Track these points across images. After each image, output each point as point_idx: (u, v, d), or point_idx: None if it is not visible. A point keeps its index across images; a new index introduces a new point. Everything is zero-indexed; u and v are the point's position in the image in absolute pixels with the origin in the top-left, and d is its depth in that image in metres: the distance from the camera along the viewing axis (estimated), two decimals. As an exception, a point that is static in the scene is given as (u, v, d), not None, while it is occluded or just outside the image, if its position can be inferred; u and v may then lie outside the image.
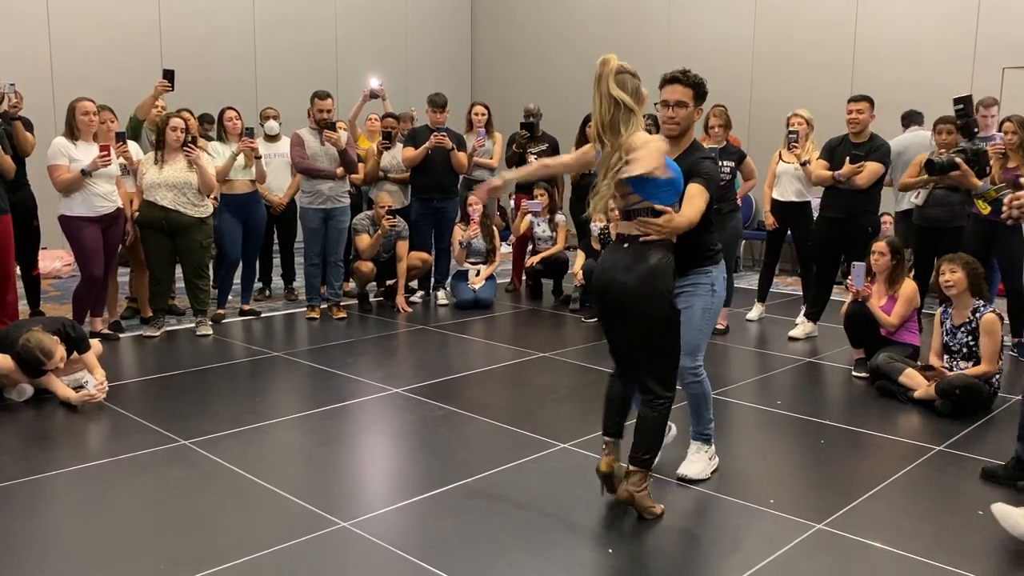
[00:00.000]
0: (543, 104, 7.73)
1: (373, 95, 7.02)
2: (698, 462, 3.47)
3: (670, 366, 3.10)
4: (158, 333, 5.79)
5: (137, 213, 5.67)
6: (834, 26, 8.86)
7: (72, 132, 5.36)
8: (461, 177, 7.46)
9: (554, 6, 11.43)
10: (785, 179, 6.21)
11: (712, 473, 3.48)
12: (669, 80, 3.28)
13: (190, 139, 5.68)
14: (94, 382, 4.37)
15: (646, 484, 3.10)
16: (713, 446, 3.53)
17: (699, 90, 3.29)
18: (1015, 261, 5.44)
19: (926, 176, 5.62)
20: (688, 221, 2.98)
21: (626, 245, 3.03)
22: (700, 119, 3.34)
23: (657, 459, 3.20)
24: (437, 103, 6.82)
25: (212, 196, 5.87)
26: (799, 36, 9.12)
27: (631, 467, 3.09)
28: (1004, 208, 2.93)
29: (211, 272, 6.15)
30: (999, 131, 5.63)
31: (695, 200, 3.05)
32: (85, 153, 5.34)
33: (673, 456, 3.53)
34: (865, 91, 5.88)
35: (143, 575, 2.65)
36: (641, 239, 2.96)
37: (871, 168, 5.48)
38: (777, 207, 6.30)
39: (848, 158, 5.52)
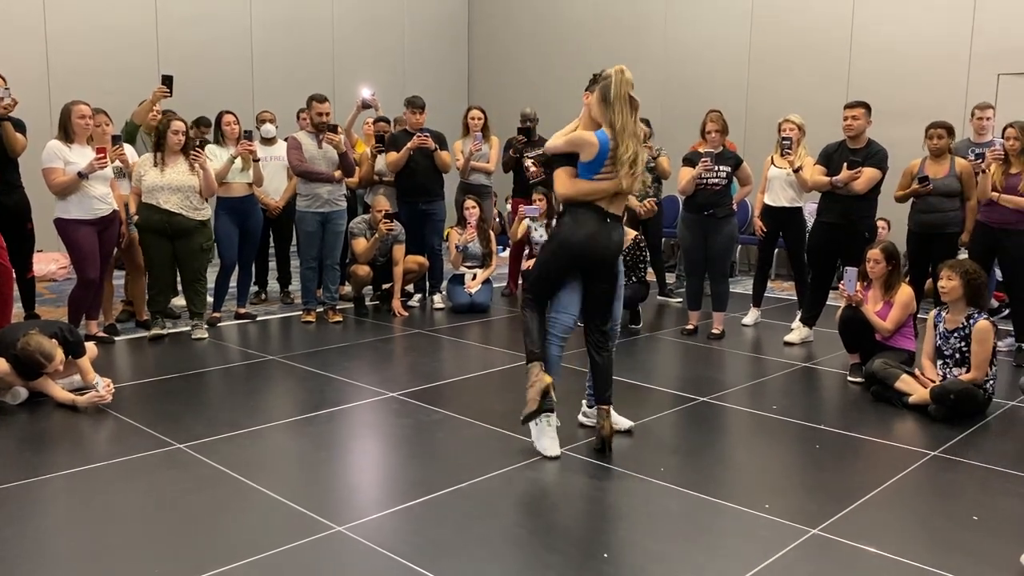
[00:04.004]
0: (540, 109, 7.73)
1: (365, 105, 7.01)
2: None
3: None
4: (162, 332, 5.80)
5: (136, 216, 5.65)
6: (830, 32, 8.88)
7: (67, 135, 5.35)
8: (459, 181, 7.47)
9: (551, 11, 11.45)
10: (777, 184, 6.23)
11: None
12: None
13: (197, 143, 5.67)
14: (103, 384, 4.36)
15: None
16: None
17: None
18: (1020, 261, 5.43)
19: (918, 187, 5.64)
20: None
21: (608, 220, 3.69)
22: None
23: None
24: (416, 104, 6.82)
25: None
26: (795, 41, 9.14)
27: (607, 406, 3.79)
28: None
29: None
30: (1000, 136, 5.64)
31: None
32: (80, 156, 5.33)
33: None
34: (861, 97, 5.90)
35: (137, 579, 2.65)
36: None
37: (868, 174, 5.50)
38: (769, 212, 6.32)
39: (845, 164, 5.53)
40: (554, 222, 7.32)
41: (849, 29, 8.78)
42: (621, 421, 4.03)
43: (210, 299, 6.26)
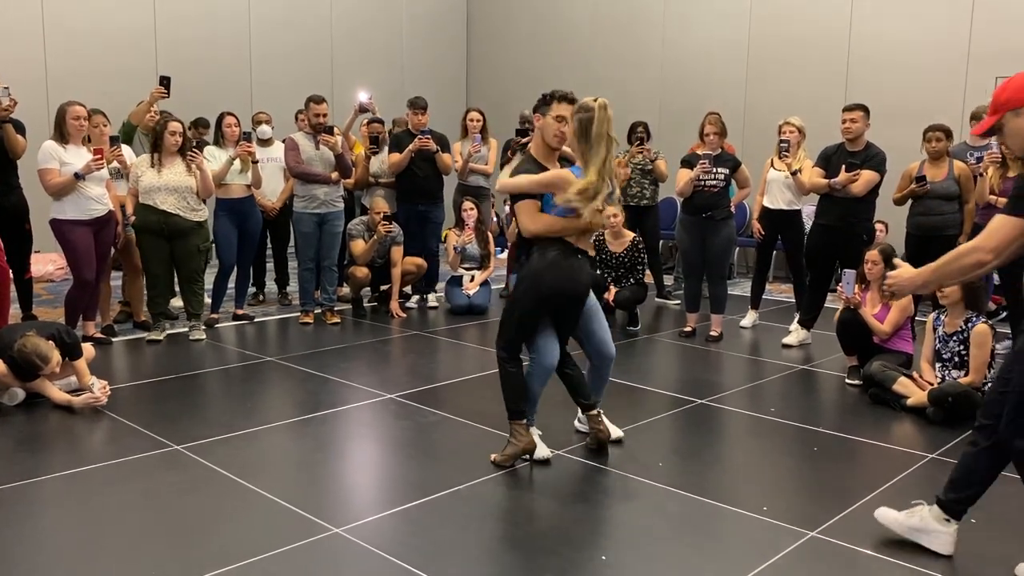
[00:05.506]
0: (538, 110, 7.72)
1: (363, 109, 7.00)
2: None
3: None
4: (162, 337, 5.78)
5: (134, 217, 5.64)
6: (829, 33, 8.89)
7: (62, 135, 5.34)
8: (456, 183, 7.46)
9: (549, 12, 11.46)
10: (776, 187, 6.23)
11: None
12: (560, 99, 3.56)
13: (195, 144, 5.66)
14: (99, 385, 4.35)
15: None
16: None
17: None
18: (1017, 264, 5.44)
19: (915, 187, 5.64)
20: None
21: (579, 256, 3.57)
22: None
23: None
24: (418, 105, 6.82)
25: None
26: (794, 43, 9.15)
27: (597, 411, 3.76)
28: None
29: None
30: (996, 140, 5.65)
31: None
32: (75, 156, 5.32)
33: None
34: (859, 98, 5.90)
35: (134, 581, 2.64)
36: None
37: (867, 176, 5.50)
38: (767, 215, 6.32)
39: (844, 166, 5.54)
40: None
41: (847, 31, 8.80)
42: (612, 430, 3.94)
43: (208, 300, 6.25)
